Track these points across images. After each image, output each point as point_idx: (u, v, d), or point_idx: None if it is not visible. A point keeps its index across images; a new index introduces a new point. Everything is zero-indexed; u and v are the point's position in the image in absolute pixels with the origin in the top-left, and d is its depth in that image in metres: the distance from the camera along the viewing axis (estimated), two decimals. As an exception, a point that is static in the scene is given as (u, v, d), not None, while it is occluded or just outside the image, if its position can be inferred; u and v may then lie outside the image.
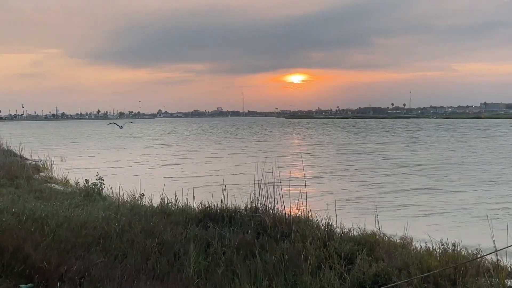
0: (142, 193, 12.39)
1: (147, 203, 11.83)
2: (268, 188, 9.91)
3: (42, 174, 21.62)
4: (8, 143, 29.59)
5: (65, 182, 18.80)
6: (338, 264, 7.00)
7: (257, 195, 9.83)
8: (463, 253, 7.23)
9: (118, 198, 12.63)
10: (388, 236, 8.34)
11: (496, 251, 6.19)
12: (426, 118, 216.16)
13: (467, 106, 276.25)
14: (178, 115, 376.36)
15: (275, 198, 9.72)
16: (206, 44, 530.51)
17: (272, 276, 6.94)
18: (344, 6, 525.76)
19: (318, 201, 16.36)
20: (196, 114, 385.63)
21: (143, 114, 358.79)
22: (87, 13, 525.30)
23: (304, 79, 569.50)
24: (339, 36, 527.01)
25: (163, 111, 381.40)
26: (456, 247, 7.31)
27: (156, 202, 11.73)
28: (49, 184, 17.12)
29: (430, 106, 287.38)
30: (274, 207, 9.56)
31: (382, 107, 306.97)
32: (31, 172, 20.04)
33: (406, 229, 8.72)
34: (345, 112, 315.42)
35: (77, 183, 16.81)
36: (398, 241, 8.25)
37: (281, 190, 10.06)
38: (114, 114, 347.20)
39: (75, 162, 32.68)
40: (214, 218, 9.69)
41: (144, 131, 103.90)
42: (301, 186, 10.43)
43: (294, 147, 48.64)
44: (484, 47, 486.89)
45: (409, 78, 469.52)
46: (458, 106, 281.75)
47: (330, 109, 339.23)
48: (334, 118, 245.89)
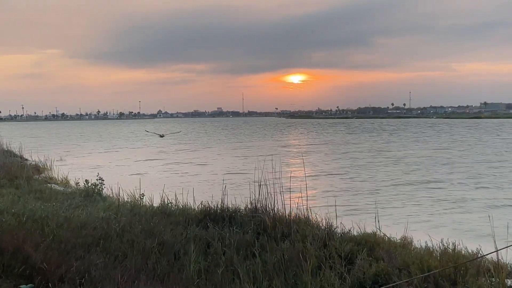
0: (142, 193, 12.43)
1: (147, 204, 11.85)
2: (268, 188, 9.91)
3: (42, 174, 21.63)
4: (8, 144, 29.44)
5: (65, 183, 18.80)
6: (338, 264, 7.01)
7: (257, 195, 9.84)
8: (463, 252, 7.23)
9: (118, 199, 12.65)
10: (388, 236, 8.34)
11: (496, 251, 6.19)
12: (426, 118, 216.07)
13: (467, 106, 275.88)
14: (178, 115, 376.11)
15: (275, 198, 9.73)
16: (206, 44, 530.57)
17: (272, 276, 6.95)
18: (344, 6, 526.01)
19: (318, 201, 16.34)
20: (196, 114, 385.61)
21: (143, 114, 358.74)
22: (87, 13, 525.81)
23: (304, 79, 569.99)
24: (339, 36, 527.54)
25: (163, 111, 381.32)
26: (456, 247, 7.30)
27: (156, 202, 11.74)
28: (49, 184, 17.12)
29: (430, 106, 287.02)
30: (274, 207, 9.57)
31: (382, 107, 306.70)
32: (31, 172, 20.05)
33: (406, 229, 8.71)
34: (345, 112, 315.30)
35: (77, 184, 16.83)
36: (398, 241, 8.26)
37: (281, 190, 10.06)
38: (114, 114, 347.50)
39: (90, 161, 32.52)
40: (214, 218, 9.70)
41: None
42: (301, 186, 10.42)
43: (294, 147, 48.61)
44: (484, 47, 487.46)
45: (409, 78, 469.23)
46: (458, 106, 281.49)
47: (330, 109, 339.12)
48: (334, 118, 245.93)
